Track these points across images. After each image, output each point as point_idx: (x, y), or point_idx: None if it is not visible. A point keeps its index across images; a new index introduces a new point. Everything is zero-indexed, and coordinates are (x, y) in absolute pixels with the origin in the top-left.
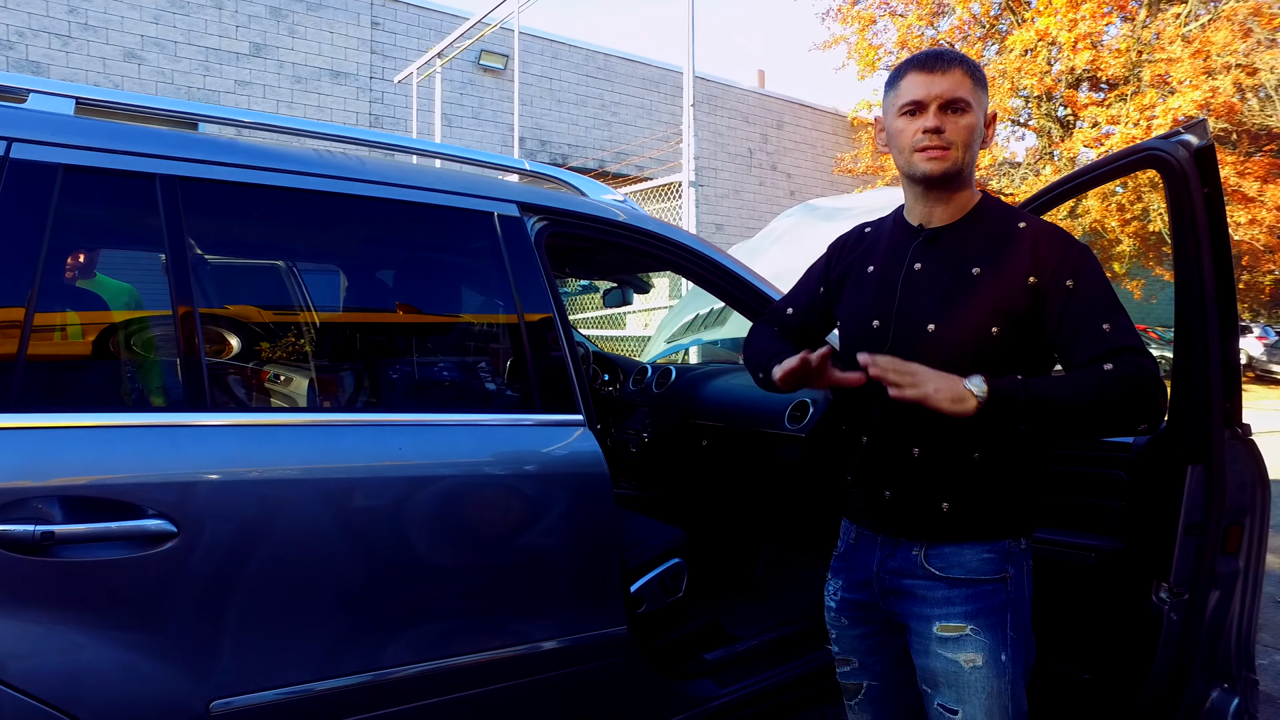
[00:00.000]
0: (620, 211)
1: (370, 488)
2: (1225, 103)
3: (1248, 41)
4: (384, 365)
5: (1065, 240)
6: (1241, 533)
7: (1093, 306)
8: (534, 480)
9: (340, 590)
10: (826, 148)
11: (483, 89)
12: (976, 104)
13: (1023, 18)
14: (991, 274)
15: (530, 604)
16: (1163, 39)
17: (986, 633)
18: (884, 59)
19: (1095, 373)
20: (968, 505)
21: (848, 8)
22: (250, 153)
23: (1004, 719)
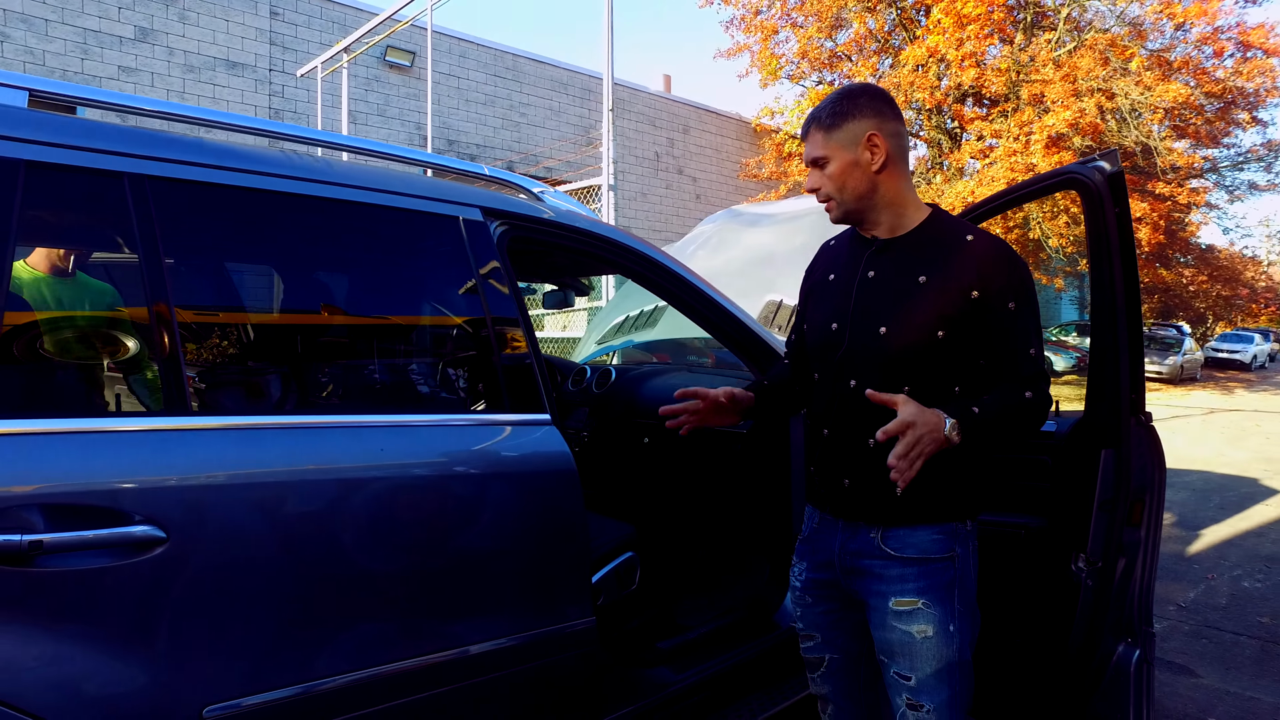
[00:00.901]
0: (578, 217)
1: (357, 488)
2: (1090, 122)
3: (1107, 69)
4: (361, 367)
5: (1011, 261)
6: (1143, 507)
7: (1026, 332)
8: (508, 479)
9: (332, 590)
10: (731, 153)
11: (388, 85)
12: (836, 151)
13: (914, 35)
14: (938, 283)
15: (507, 599)
16: (1037, 61)
17: (936, 606)
18: (785, 68)
19: (1020, 401)
20: (919, 490)
21: (750, 17)
22: (220, 153)
23: (953, 683)
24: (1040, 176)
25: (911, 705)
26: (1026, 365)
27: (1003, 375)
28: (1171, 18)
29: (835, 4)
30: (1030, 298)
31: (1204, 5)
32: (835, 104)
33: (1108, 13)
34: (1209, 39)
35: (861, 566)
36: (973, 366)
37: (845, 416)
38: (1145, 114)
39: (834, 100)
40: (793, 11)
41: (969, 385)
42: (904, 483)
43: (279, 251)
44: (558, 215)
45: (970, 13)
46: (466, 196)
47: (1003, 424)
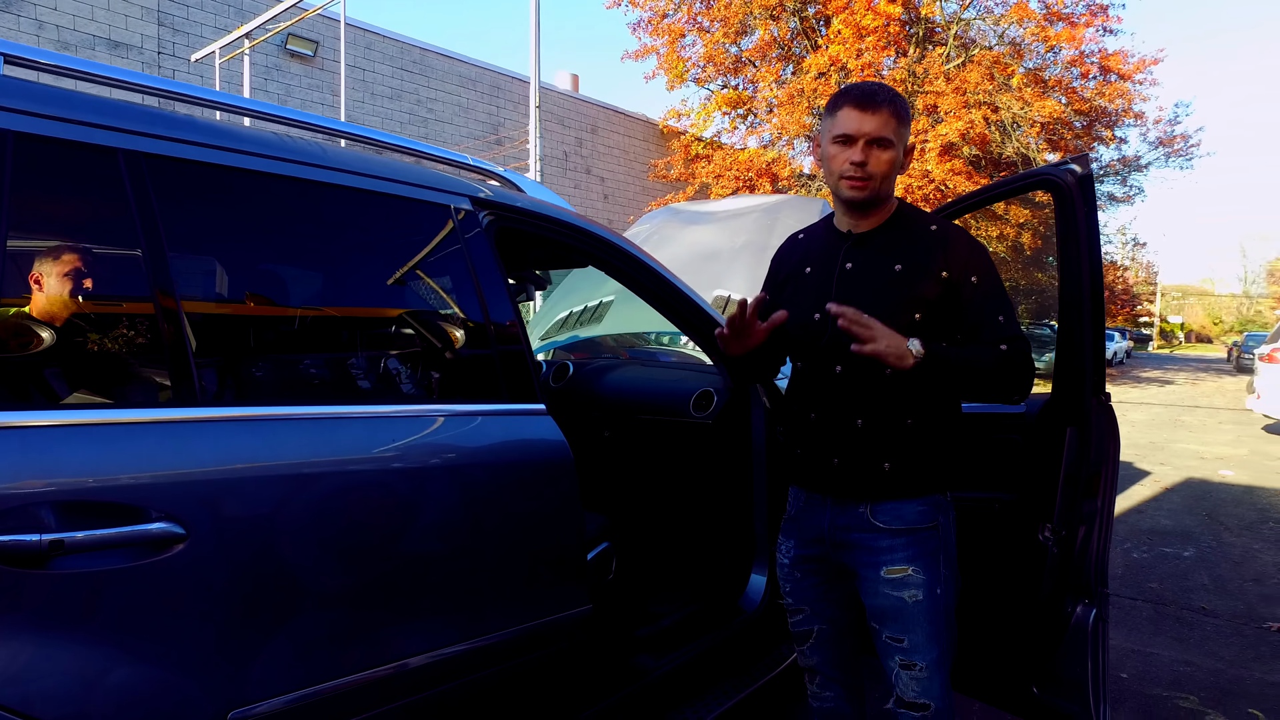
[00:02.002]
0: (559, 210)
1: (373, 478)
2: (979, 133)
3: (993, 84)
4: (367, 356)
5: (969, 242)
6: (1100, 479)
7: (991, 300)
8: (511, 468)
9: (355, 582)
10: (639, 154)
11: (290, 76)
12: (899, 140)
13: (816, 43)
14: (912, 269)
15: (515, 589)
16: (930, 74)
17: (925, 572)
18: (692, 71)
19: (995, 351)
20: (905, 465)
21: (657, 20)
22: (217, 133)
23: (940, 641)
24: (1017, 176)
25: (905, 665)
26: (996, 329)
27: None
28: (1045, 40)
29: (740, 10)
30: (991, 273)
31: (1072, 31)
32: (901, 101)
33: (990, 32)
34: (1076, 61)
35: (852, 540)
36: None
37: (833, 400)
38: (1025, 127)
39: (897, 95)
40: (699, 16)
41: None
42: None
43: (286, 238)
44: (540, 207)
45: (868, 24)
46: (456, 186)
47: (972, 367)
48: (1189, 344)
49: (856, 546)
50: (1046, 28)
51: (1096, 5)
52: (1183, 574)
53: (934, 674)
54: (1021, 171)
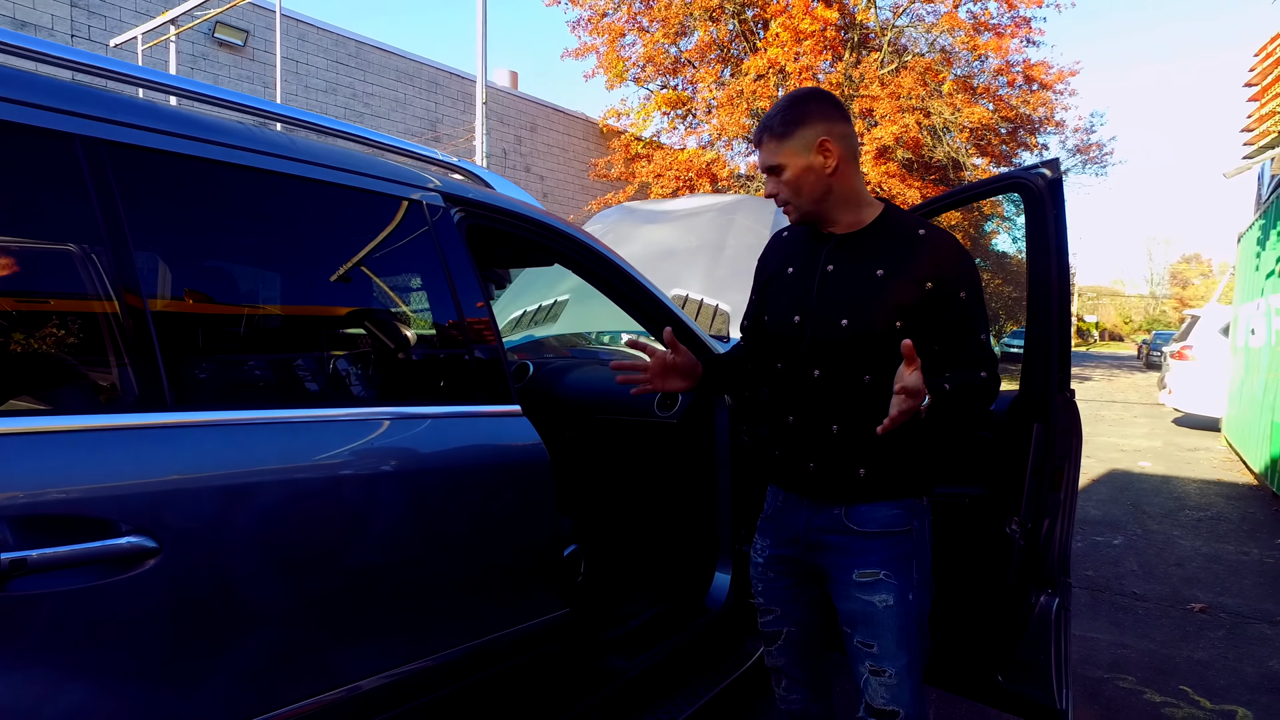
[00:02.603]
0: (529, 208)
1: (353, 483)
2: (913, 137)
3: (925, 90)
4: (340, 358)
5: (961, 254)
6: (1063, 472)
7: (976, 319)
8: (490, 471)
9: (337, 592)
10: (578, 153)
11: (218, 65)
12: (790, 157)
13: (754, 45)
14: (894, 275)
15: (494, 594)
16: (866, 78)
17: (896, 577)
18: (631, 71)
19: (977, 380)
20: (880, 470)
21: (597, 19)
22: (183, 121)
23: (911, 648)
24: (988, 180)
25: (874, 671)
26: (978, 349)
27: (956, 359)
28: (974, 50)
29: (680, 11)
30: (978, 288)
31: (998, 41)
32: (786, 111)
33: (922, 40)
34: (1003, 70)
35: (826, 541)
36: (928, 353)
37: (810, 404)
38: (955, 132)
39: (784, 108)
40: (639, 16)
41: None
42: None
43: (258, 232)
44: (511, 204)
45: (806, 28)
46: (429, 181)
47: (963, 400)
48: (1103, 342)
49: (830, 548)
50: (975, 37)
51: (1020, 18)
52: (1114, 561)
53: (903, 681)
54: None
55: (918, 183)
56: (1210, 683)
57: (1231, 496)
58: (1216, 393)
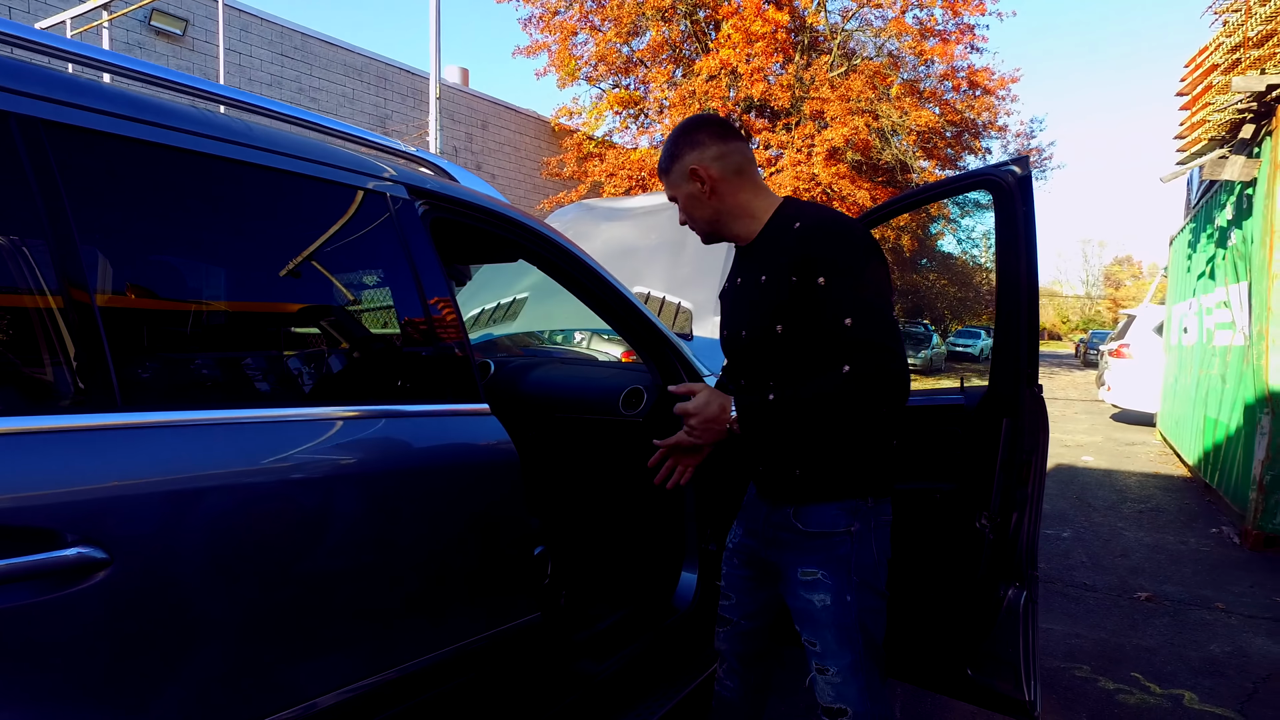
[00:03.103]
0: (495, 202)
1: (323, 486)
2: (862, 139)
3: (874, 93)
4: (309, 355)
5: (827, 235)
6: (1031, 467)
7: (839, 303)
8: (459, 471)
9: (301, 603)
10: (530, 151)
11: (154, 55)
12: (678, 187)
13: (707, 46)
14: (771, 278)
15: (464, 600)
16: (817, 81)
17: (832, 578)
18: (583, 70)
19: (836, 377)
20: (814, 471)
21: (549, 17)
22: (132, 103)
23: (854, 649)
24: (958, 176)
25: (819, 670)
26: (843, 335)
27: (832, 348)
28: (920, 55)
29: (633, 11)
30: (846, 268)
31: (944, 46)
32: (665, 150)
33: (870, 44)
34: (948, 75)
35: (780, 538)
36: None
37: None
38: (903, 135)
39: (665, 147)
40: (591, 15)
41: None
42: (674, 474)
43: (213, 223)
44: (476, 198)
45: (757, 30)
46: (393, 173)
47: (814, 404)
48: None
49: (782, 545)
50: (921, 42)
51: (964, 25)
52: (1064, 553)
53: (848, 679)
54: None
55: (867, 184)
56: (1158, 669)
57: (1168, 488)
58: (1152, 389)
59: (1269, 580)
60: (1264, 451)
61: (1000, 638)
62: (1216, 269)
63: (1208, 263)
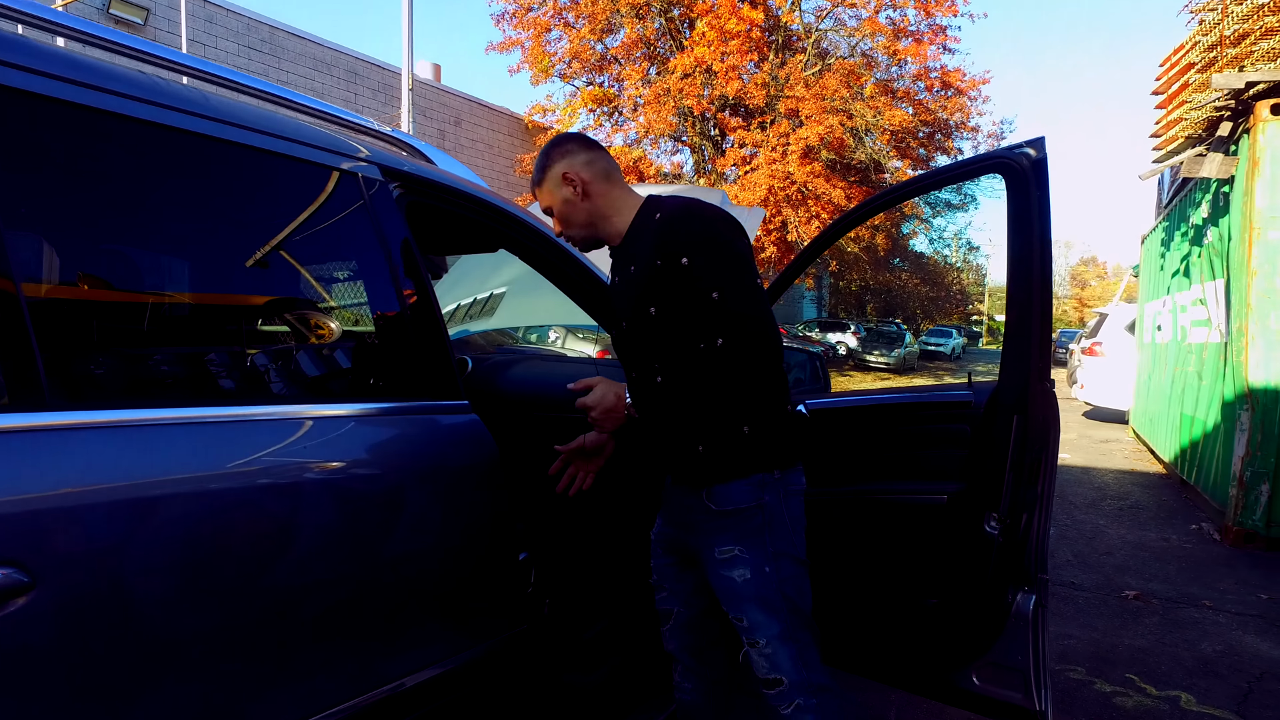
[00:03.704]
0: (474, 187)
1: (282, 493)
2: (837, 138)
3: (849, 92)
4: (268, 349)
5: (688, 219)
6: (1041, 465)
7: (706, 279)
8: (438, 474)
9: (260, 626)
10: (504, 148)
11: None
12: (553, 195)
13: (681, 44)
14: (640, 267)
15: (451, 614)
16: (791, 79)
17: (749, 551)
18: (557, 67)
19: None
20: (717, 447)
21: (522, 13)
22: (68, 63)
23: (780, 618)
24: (968, 160)
25: (750, 644)
26: (711, 310)
27: (704, 326)
28: (894, 55)
29: (607, 8)
30: (708, 247)
31: (917, 46)
32: (537, 165)
33: (844, 43)
34: (921, 75)
35: (694, 521)
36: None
37: (640, 403)
38: (876, 134)
39: (537, 162)
40: (565, 11)
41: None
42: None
43: (160, 203)
44: (455, 182)
45: (732, 28)
46: (364, 152)
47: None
48: None
49: (698, 529)
50: (895, 42)
51: (937, 25)
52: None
53: (778, 649)
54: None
55: (842, 183)
56: (1152, 669)
57: (1145, 485)
58: (1125, 387)
59: (1252, 577)
60: (1244, 448)
61: (1008, 644)
62: (1192, 267)
63: (1182, 260)
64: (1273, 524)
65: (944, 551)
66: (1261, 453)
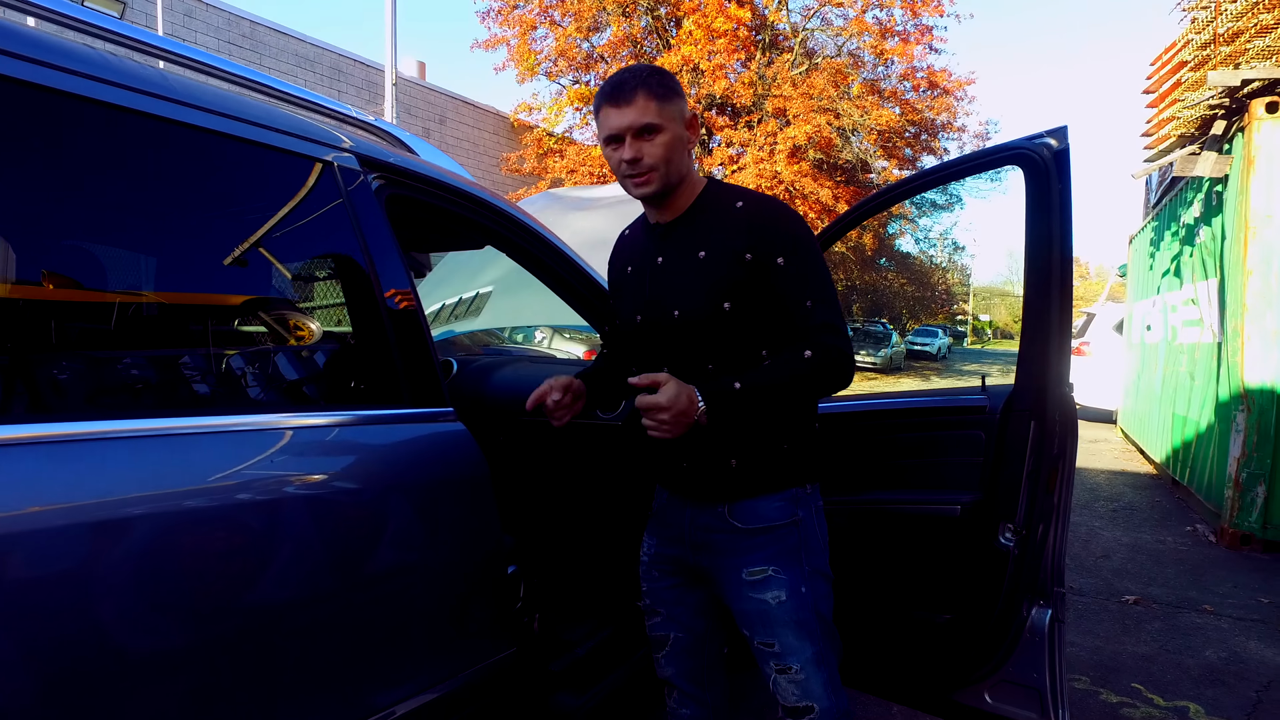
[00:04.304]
0: (459, 179)
1: (251, 512)
2: (825, 137)
3: (836, 91)
4: (235, 354)
5: (779, 217)
6: (1058, 474)
7: (801, 283)
8: (421, 488)
9: (225, 661)
10: (489, 147)
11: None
12: (667, 119)
13: (668, 42)
14: (714, 255)
15: (431, 638)
16: (779, 79)
17: (785, 571)
18: (543, 65)
19: (799, 361)
20: (752, 461)
21: (508, 10)
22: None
23: (814, 640)
24: (985, 151)
25: (780, 670)
26: (804, 318)
27: (791, 332)
28: (881, 55)
29: (593, 6)
30: (802, 250)
31: (904, 46)
32: (661, 75)
33: (831, 43)
34: (908, 75)
35: (712, 541)
36: (774, 330)
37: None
38: (864, 134)
39: (656, 72)
40: (551, 9)
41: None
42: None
43: (118, 191)
44: (439, 174)
45: (719, 27)
46: (341, 140)
47: (778, 389)
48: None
49: (716, 549)
50: (882, 42)
51: (923, 25)
52: None
53: (812, 674)
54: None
55: (829, 183)
56: (1158, 678)
57: (1137, 486)
58: (1112, 387)
59: (1250, 580)
60: (1240, 449)
61: (1022, 660)
62: (1183, 267)
63: (1173, 260)
64: (1269, 526)
65: (956, 564)
66: (1258, 454)
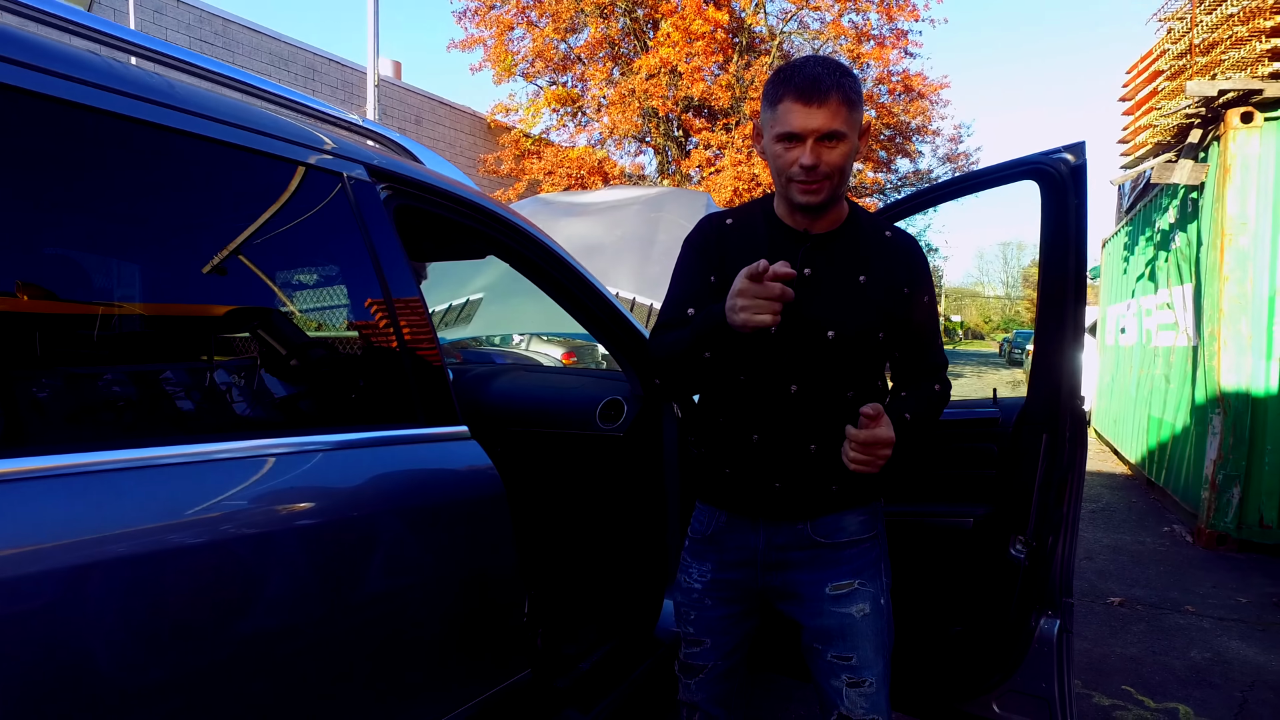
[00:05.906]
0: (467, 189)
1: (260, 542)
2: None
3: None
4: (241, 373)
5: (923, 254)
6: (1067, 486)
7: (935, 322)
8: (437, 511)
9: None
10: (465, 148)
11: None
12: (851, 128)
13: (646, 44)
14: (876, 282)
15: (448, 663)
16: (757, 81)
17: (871, 583)
18: (520, 66)
19: (932, 395)
20: (852, 484)
21: (485, 10)
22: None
23: (885, 654)
24: (1001, 165)
25: (853, 683)
26: (933, 354)
27: (917, 366)
28: (857, 58)
29: (571, 7)
30: (933, 293)
31: (880, 51)
32: (853, 78)
33: (807, 46)
34: (884, 79)
35: (791, 559)
36: (888, 359)
37: (784, 422)
38: None
39: (848, 73)
40: (529, 10)
41: (882, 378)
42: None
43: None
44: (446, 184)
45: (697, 29)
46: (348, 150)
47: (929, 423)
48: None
49: (795, 565)
50: (858, 45)
51: (899, 30)
52: None
53: (881, 688)
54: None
55: None
56: (1147, 680)
57: (1113, 487)
58: (1086, 388)
59: (1228, 579)
60: (1216, 451)
61: (1031, 671)
62: (1158, 271)
63: (1147, 265)
64: (1244, 526)
65: (968, 576)
66: (1233, 456)
